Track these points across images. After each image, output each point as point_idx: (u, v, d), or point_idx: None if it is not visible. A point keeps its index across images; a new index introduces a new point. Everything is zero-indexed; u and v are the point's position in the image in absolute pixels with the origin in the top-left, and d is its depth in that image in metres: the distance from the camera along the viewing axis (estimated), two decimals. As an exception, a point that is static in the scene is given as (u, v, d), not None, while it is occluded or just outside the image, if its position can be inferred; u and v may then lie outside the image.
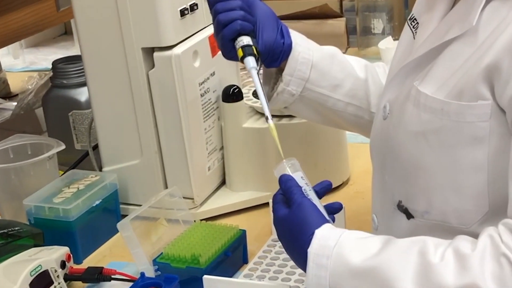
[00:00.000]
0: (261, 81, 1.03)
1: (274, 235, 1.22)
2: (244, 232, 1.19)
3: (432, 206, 0.91)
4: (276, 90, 1.09)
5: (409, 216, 0.95)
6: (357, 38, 2.08)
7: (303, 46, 1.09)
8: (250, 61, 1.02)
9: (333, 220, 0.93)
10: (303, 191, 0.92)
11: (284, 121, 1.33)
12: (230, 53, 1.05)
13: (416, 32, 0.97)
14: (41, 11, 1.65)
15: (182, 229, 1.19)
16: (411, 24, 0.99)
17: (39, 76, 1.96)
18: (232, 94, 1.34)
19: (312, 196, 0.92)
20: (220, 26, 1.04)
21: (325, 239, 0.86)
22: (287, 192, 0.91)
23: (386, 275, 0.81)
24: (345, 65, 1.12)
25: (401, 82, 0.95)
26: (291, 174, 0.94)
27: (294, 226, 0.88)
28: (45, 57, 2.34)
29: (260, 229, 1.27)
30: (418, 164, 0.91)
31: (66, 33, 2.57)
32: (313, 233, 0.87)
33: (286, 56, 1.07)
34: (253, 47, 1.03)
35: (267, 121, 0.96)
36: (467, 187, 0.87)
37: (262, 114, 1.37)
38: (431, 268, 0.79)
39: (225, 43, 1.04)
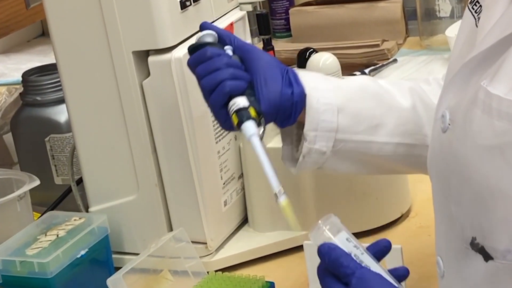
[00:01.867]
0: (266, 149, 1.05)
1: (312, 287, 1.23)
2: (272, 285, 1.20)
3: (517, 242, 0.91)
4: (301, 152, 1.11)
5: (487, 257, 0.94)
6: (418, 24, 2.10)
7: (320, 89, 1.11)
8: (248, 127, 1.04)
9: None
10: (355, 258, 0.92)
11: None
12: (227, 123, 1.09)
13: (479, 19, 0.98)
14: (7, 8, 1.69)
15: (192, 284, 1.20)
16: (473, 9, 1.00)
17: (8, 91, 1.99)
18: (251, 106, 1.35)
19: (368, 261, 0.93)
20: (206, 93, 1.08)
21: None
22: (335, 267, 0.92)
23: None
24: (381, 96, 1.14)
25: (463, 83, 0.95)
26: (332, 237, 0.93)
27: None
28: (17, 67, 2.37)
29: (294, 280, 1.28)
30: (495, 187, 0.91)
31: (44, 34, 2.61)
32: None
33: (301, 109, 1.10)
34: (250, 108, 1.05)
35: (276, 201, 0.99)
36: None
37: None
38: None
39: (216, 112, 1.08)
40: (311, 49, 1.49)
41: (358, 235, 1.35)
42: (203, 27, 1.13)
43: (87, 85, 1.31)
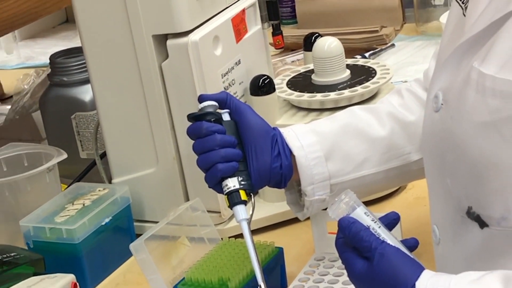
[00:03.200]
0: (251, 237, 1.06)
1: (317, 253, 1.23)
2: (281, 250, 1.20)
3: (511, 210, 0.91)
4: (304, 205, 1.14)
5: (482, 224, 0.94)
6: (414, 11, 2.09)
7: (306, 145, 1.12)
8: (239, 211, 1.06)
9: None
10: (374, 232, 0.91)
11: (326, 114, 1.34)
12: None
13: (466, 8, 0.98)
14: (36, -5, 1.69)
15: (207, 249, 1.20)
16: (460, 0, 1.00)
17: (36, 73, 2.00)
18: (262, 86, 1.35)
19: (385, 234, 0.92)
20: (201, 169, 1.10)
21: None
22: (356, 241, 0.91)
23: None
24: (362, 131, 1.15)
25: (455, 66, 0.95)
26: (351, 212, 0.93)
27: (383, 283, 0.89)
28: (44, 51, 2.39)
29: (301, 247, 1.28)
30: (491, 161, 0.91)
31: (68, 21, 2.61)
32: (413, 287, 0.87)
33: (290, 178, 1.12)
34: (241, 191, 1.07)
35: None
36: None
37: (299, 108, 1.39)
38: None
39: (212, 187, 1.10)
40: (317, 34, 1.49)
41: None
42: (202, 99, 1.12)
43: (110, 67, 1.31)
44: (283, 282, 1.20)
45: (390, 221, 0.97)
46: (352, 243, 0.92)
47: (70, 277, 1.16)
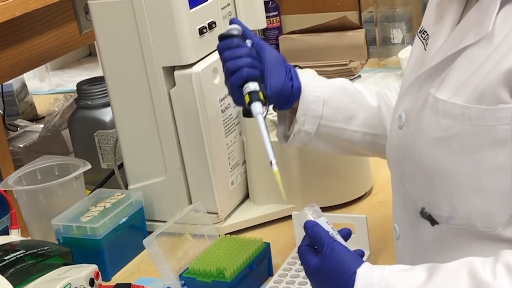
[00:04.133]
0: (267, 126, 1.05)
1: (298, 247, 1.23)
2: (268, 245, 1.20)
3: (456, 210, 0.91)
4: (292, 131, 1.12)
5: (433, 222, 0.95)
6: (377, 48, 2.09)
7: (312, 85, 1.11)
8: (257, 106, 1.05)
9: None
10: (331, 235, 0.92)
11: (305, 133, 1.34)
12: (239, 100, 1.09)
13: (427, 43, 0.98)
14: (64, 34, 1.69)
15: (207, 244, 1.20)
16: (422, 36, 1.01)
17: (64, 98, 1.99)
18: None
19: (340, 239, 0.93)
20: (228, 73, 1.08)
21: (369, 276, 0.87)
22: (315, 237, 0.92)
23: None
24: (356, 96, 1.14)
25: (416, 91, 0.96)
26: (314, 220, 0.94)
27: (331, 271, 0.89)
28: (71, 79, 2.38)
29: (284, 242, 1.28)
30: (441, 169, 0.91)
31: (91, 54, 2.61)
32: (354, 273, 0.87)
33: (297, 98, 1.10)
34: (260, 92, 1.06)
35: (271, 166, 0.99)
36: (491, 190, 0.87)
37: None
38: (485, 286, 0.80)
39: (233, 90, 1.08)
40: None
41: (333, 208, 1.36)
42: (232, 22, 1.12)
43: (128, 93, 1.31)
44: (270, 271, 1.20)
45: (345, 234, 0.97)
46: (312, 240, 0.92)
47: (93, 267, 1.16)
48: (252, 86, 1.06)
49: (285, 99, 1.10)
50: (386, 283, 0.86)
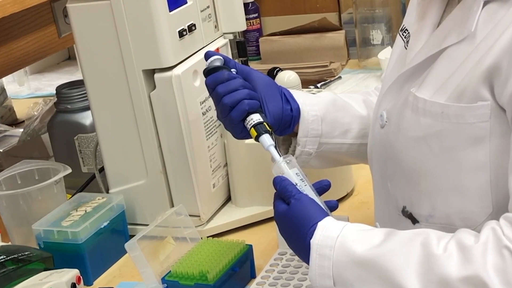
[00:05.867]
0: (280, 154, 1.00)
1: (281, 249, 1.24)
2: (250, 247, 1.20)
3: (436, 209, 0.92)
4: (294, 154, 1.10)
5: (414, 221, 0.96)
6: (357, 49, 2.10)
7: (307, 104, 1.09)
8: (266, 139, 1.01)
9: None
10: (298, 187, 0.94)
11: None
12: (242, 134, 1.05)
13: (407, 42, 0.99)
14: (43, 38, 1.68)
15: (190, 247, 1.20)
16: (403, 35, 1.01)
17: (44, 102, 1.98)
18: (233, 111, 1.35)
19: (309, 191, 0.95)
20: (226, 108, 1.03)
21: (328, 230, 0.89)
22: (282, 191, 0.94)
23: (389, 265, 0.83)
24: (347, 108, 1.14)
25: (397, 91, 0.97)
26: (286, 170, 0.96)
27: (295, 220, 0.91)
28: (50, 83, 2.37)
29: (267, 244, 1.28)
30: (420, 168, 0.92)
31: (70, 58, 2.60)
32: (315, 225, 0.89)
33: (297, 121, 1.08)
34: (265, 123, 1.02)
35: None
36: (470, 188, 0.88)
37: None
38: (434, 259, 0.81)
39: (235, 125, 1.04)
40: (278, 68, 1.49)
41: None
42: (208, 55, 1.08)
43: (107, 96, 1.30)
44: (253, 273, 1.20)
45: (322, 186, 0.98)
46: (280, 194, 0.94)
47: (75, 272, 1.16)
48: (255, 118, 1.02)
49: (287, 124, 1.08)
50: (342, 238, 0.88)
